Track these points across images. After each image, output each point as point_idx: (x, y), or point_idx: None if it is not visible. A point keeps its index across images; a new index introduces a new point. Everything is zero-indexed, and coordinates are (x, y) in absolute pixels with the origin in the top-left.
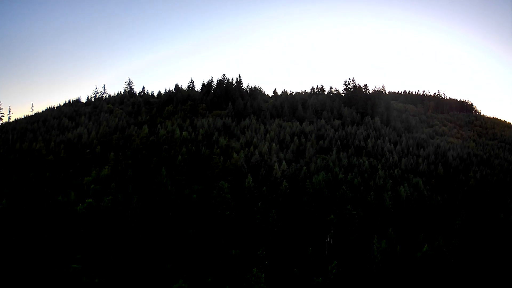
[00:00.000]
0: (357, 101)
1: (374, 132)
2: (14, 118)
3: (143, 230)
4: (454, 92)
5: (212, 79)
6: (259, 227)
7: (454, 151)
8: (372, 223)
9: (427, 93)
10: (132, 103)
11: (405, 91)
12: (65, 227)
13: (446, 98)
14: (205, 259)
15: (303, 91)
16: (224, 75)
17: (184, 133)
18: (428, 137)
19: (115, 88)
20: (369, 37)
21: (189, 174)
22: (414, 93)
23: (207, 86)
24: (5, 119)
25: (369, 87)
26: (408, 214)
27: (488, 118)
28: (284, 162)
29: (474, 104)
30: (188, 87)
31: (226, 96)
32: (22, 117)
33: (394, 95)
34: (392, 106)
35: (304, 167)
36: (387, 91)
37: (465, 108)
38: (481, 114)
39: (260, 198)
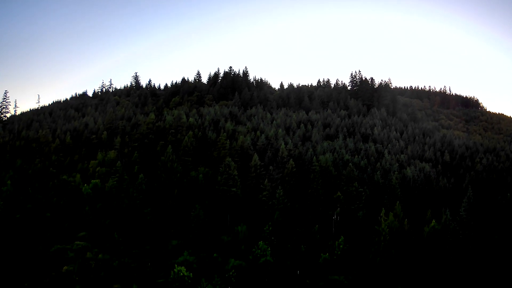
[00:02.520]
0: (363, 93)
1: (380, 121)
2: (20, 111)
3: (148, 207)
4: (459, 88)
5: (218, 70)
6: (265, 205)
7: (460, 140)
8: (378, 201)
9: (433, 88)
10: (139, 95)
11: (411, 86)
12: (70, 207)
13: (452, 94)
14: (211, 234)
15: (310, 84)
16: (230, 67)
17: (191, 119)
18: (434, 129)
19: (120, 81)
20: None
21: (195, 156)
22: (420, 88)
23: (214, 77)
24: (11, 111)
25: (375, 81)
26: (415, 194)
27: (494, 114)
28: (290, 142)
29: (479, 101)
30: (194, 79)
31: (232, 87)
32: (28, 110)
33: (400, 90)
34: (398, 100)
35: (311, 149)
36: (393, 86)
37: (471, 104)
38: (487, 110)
39: (267, 176)
